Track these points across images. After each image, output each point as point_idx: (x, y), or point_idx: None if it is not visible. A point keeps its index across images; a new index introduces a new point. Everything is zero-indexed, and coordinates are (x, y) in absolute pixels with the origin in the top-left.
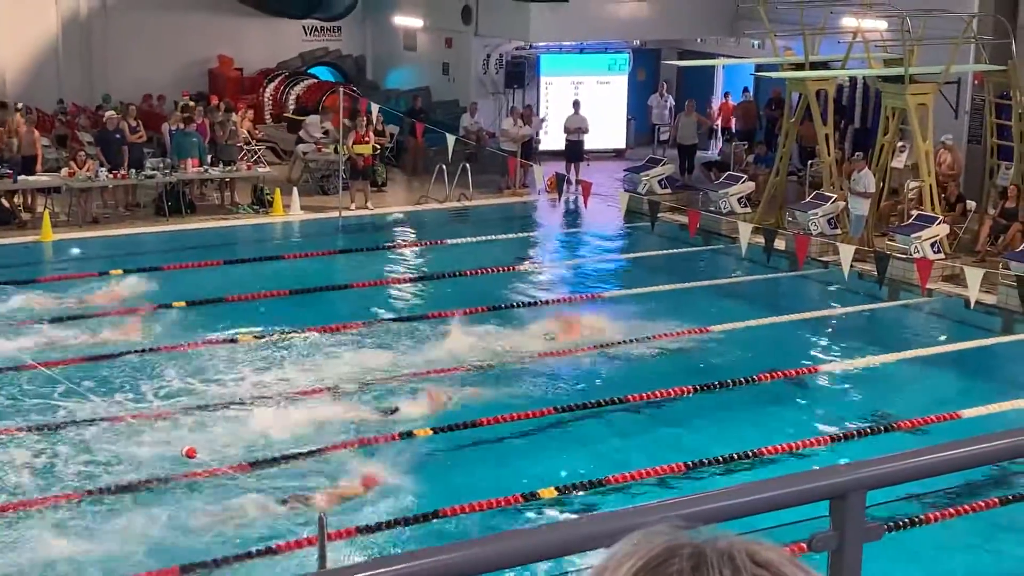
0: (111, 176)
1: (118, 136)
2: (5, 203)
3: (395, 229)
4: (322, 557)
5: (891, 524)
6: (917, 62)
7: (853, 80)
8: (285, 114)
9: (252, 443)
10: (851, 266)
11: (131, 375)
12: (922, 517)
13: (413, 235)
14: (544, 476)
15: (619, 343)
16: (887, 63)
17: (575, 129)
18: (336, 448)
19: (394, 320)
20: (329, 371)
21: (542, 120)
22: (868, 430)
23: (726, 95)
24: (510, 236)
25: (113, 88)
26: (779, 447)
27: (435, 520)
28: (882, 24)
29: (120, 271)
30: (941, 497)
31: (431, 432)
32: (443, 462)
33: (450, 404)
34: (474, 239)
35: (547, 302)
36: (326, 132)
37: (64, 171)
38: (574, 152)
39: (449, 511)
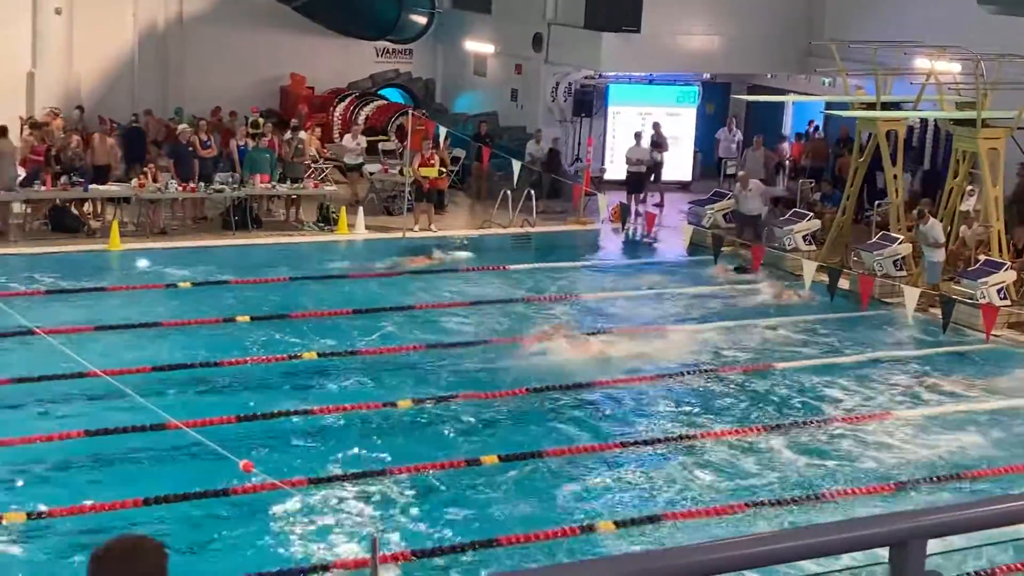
0: (180, 189)
1: (190, 149)
2: (75, 211)
3: (457, 252)
4: None
5: None
6: (990, 106)
7: (924, 122)
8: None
9: None
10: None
11: None
12: (989, 571)
13: (475, 259)
14: None
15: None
16: (959, 106)
17: (636, 160)
18: None
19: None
20: None
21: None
22: (937, 478)
23: (803, 133)
24: (571, 264)
25: (186, 101)
26: (837, 491)
27: None
28: (956, 67)
29: (188, 283)
30: (1009, 551)
31: None
32: None
33: None
34: (535, 265)
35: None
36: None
37: (134, 182)
38: (636, 183)
39: None
